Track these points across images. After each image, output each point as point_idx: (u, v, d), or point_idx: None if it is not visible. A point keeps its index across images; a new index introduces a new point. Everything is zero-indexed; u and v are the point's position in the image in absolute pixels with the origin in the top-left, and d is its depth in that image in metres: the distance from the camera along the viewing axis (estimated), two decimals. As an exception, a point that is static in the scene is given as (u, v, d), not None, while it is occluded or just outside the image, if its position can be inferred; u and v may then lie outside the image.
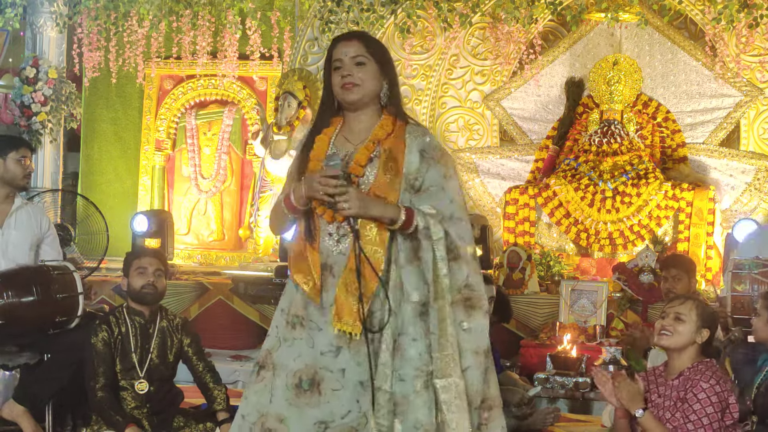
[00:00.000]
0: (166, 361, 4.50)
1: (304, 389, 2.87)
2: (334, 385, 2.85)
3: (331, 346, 2.87)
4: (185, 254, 9.05)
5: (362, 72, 2.95)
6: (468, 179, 8.72)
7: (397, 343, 2.84)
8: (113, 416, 4.28)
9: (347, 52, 2.96)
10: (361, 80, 2.95)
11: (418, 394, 2.81)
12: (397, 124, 2.98)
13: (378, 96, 2.99)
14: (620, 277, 6.96)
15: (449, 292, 2.87)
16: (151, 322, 4.50)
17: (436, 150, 2.97)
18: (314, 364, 2.87)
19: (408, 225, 2.86)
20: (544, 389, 5.72)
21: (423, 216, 2.87)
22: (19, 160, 4.80)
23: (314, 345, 2.89)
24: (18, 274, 4.53)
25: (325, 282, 2.90)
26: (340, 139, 3.00)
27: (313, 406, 2.86)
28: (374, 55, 2.97)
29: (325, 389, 2.85)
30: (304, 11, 8.52)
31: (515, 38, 8.26)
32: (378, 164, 2.92)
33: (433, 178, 2.94)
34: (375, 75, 2.97)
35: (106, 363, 4.38)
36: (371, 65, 2.96)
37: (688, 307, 3.60)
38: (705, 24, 7.97)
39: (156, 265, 4.52)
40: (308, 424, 2.85)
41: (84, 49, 8.67)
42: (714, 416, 3.44)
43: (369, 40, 3.04)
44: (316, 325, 2.90)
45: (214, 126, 9.20)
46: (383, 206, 2.86)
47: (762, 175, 7.98)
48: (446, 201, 2.93)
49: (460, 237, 2.91)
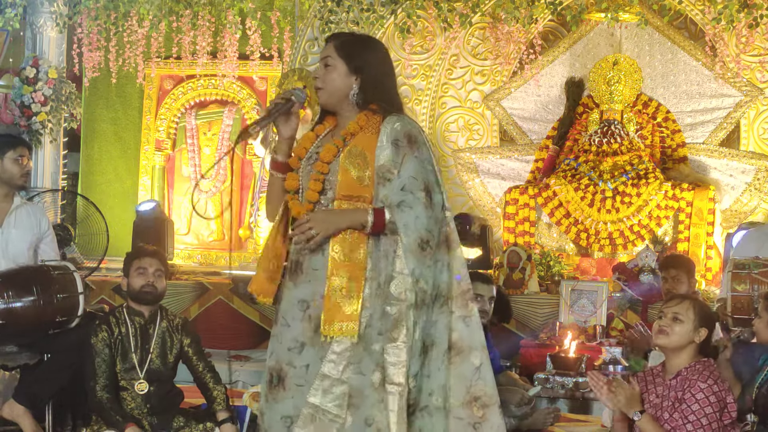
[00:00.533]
0: (167, 361, 4.50)
1: (273, 384, 2.92)
2: (298, 380, 2.88)
3: (295, 342, 2.90)
4: (185, 254, 9.05)
5: (328, 74, 2.97)
6: (468, 179, 8.72)
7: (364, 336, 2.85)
8: (113, 416, 4.28)
9: (322, 54, 3.02)
10: (324, 82, 2.98)
11: (375, 390, 2.81)
12: (373, 118, 2.96)
13: (348, 96, 2.98)
14: (620, 277, 6.96)
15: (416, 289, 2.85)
16: (150, 322, 4.49)
17: (404, 137, 2.91)
18: (282, 360, 2.92)
19: (380, 226, 2.84)
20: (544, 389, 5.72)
21: (392, 211, 2.85)
22: (16, 159, 4.78)
23: (282, 341, 2.94)
24: (18, 274, 4.53)
25: (297, 278, 2.93)
26: (328, 137, 3.02)
27: (279, 401, 2.90)
28: (344, 56, 2.97)
29: (289, 385, 2.89)
30: (304, 11, 8.52)
31: (515, 38, 8.26)
32: (340, 160, 2.90)
33: (408, 169, 2.89)
34: (341, 76, 2.97)
35: (106, 363, 4.38)
36: (339, 66, 2.97)
37: (685, 307, 3.60)
38: (705, 24, 7.97)
39: (156, 265, 4.51)
40: (276, 419, 2.90)
41: (84, 49, 8.67)
42: (713, 416, 3.44)
43: (345, 40, 3.02)
44: (286, 321, 2.94)
45: (214, 126, 9.20)
46: (350, 214, 2.86)
47: (762, 175, 7.98)
48: (399, 185, 2.88)
49: (426, 228, 2.86)
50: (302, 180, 2.99)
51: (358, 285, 2.83)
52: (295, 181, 2.99)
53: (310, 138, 3.02)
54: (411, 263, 2.83)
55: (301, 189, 2.99)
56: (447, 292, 2.89)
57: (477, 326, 2.93)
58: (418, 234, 2.84)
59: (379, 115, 2.96)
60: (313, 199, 2.92)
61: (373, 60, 3.01)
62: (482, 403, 2.90)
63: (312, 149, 3.00)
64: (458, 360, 2.89)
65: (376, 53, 3.05)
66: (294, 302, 2.92)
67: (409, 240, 2.83)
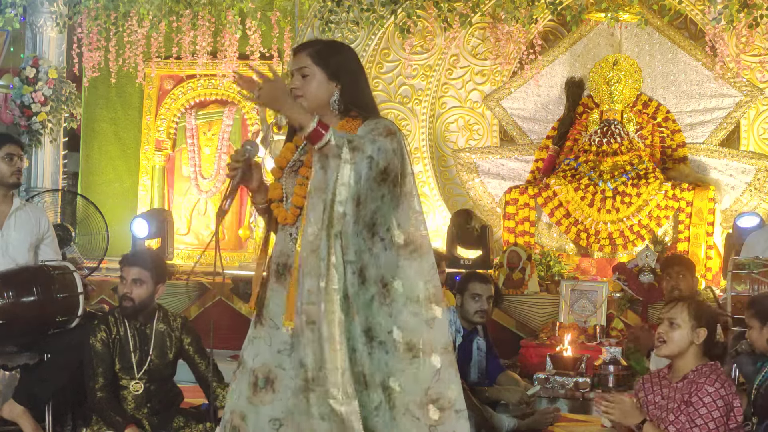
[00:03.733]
0: (166, 361, 4.50)
1: (260, 387, 2.91)
2: (288, 382, 2.86)
3: (286, 344, 2.89)
4: (185, 254, 9.05)
5: (307, 84, 2.97)
6: (468, 179, 8.72)
7: None
8: (113, 416, 4.28)
9: (295, 65, 3.00)
10: (304, 92, 2.97)
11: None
12: (353, 122, 2.97)
13: (329, 103, 2.98)
14: (620, 277, 6.97)
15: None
16: (147, 322, 4.48)
17: (381, 129, 2.88)
18: (270, 362, 2.91)
19: (317, 136, 2.78)
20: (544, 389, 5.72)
21: (338, 136, 2.79)
22: (4, 157, 4.75)
23: (272, 343, 2.93)
24: (18, 274, 4.53)
25: (285, 281, 2.92)
26: (309, 146, 3.02)
27: (267, 403, 2.89)
28: (321, 64, 2.96)
29: (279, 387, 2.88)
30: (304, 11, 8.52)
31: (515, 38, 8.27)
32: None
33: (363, 133, 2.87)
34: (320, 84, 2.97)
35: (105, 363, 4.37)
36: (317, 75, 2.96)
37: (679, 310, 3.58)
38: (705, 24, 7.97)
39: (135, 274, 4.39)
40: (263, 422, 2.89)
41: (84, 49, 8.67)
42: (720, 420, 3.42)
43: (318, 49, 3.01)
44: (275, 323, 2.93)
45: (214, 126, 9.20)
46: (298, 108, 2.84)
47: (762, 175, 7.98)
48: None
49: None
50: (286, 188, 3.00)
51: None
52: (279, 190, 3.01)
53: (290, 149, 3.04)
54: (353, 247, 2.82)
55: (286, 196, 2.99)
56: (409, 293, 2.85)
57: (440, 328, 2.87)
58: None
59: (359, 119, 2.97)
60: (300, 204, 2.92)
61: (348, 65, 3.03)
62: (440, 406, 2.86)
63: (295, 157, 3.01)
64: (417, 361, 2.84)
65: (350, 58, 3.06)
66: (283, 305, 2.91)
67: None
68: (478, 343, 5.16)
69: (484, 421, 4.59)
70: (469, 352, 5.09)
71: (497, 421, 4.72)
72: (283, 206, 3.00)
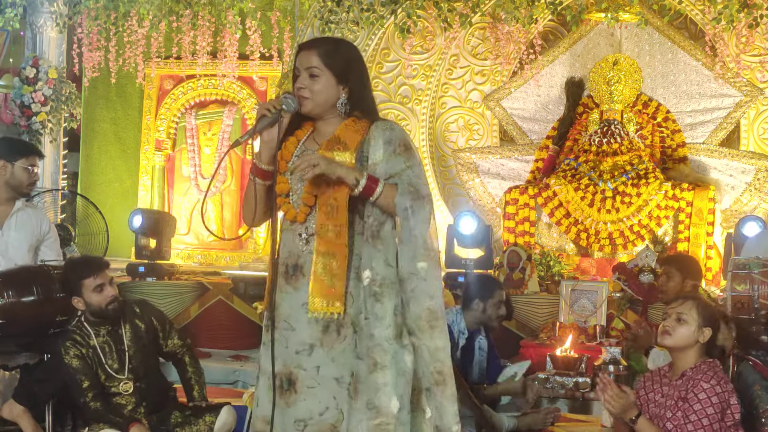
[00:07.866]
0: (145, 350, 4.49)
1: (284, 389, 2.92)
2: (310, 382, 2.88)
3: (303, 345, 2.90)
4: (185, 254, 9.05)
5: (315, 84, 2.96)
6: (468, 179, 8.72)
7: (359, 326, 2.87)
8: (113, 418, 4.27)
9: (304, 63, 2.97)
10: (312, 93, 2.96)
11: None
12: (360, 123, 2.98)
13: (335, 105, 2.99)
14: (620, 277, 6.96)
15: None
16: (116, 323, 4.45)
17: (400, 144, 2.92)
18: (290, 364, 2.91)
19: (370, 191, 2.84)
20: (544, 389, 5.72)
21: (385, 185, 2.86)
22: (27, 168, 4.82)
23: (288, 345, 2.93)
24: (18, 274, 4.53)
25: (297, 282, 2.92)
26: (310, 141, 3.03)
27: (291, 405, 2.90)
28: (331, 66, 2.95)
29: (301, 387, 2.89)
30: (304, 11, 8.52)
31: (515, 38, 8.27)
32: (321, 152, 2.91)
33: (394, 166, 2.91)
34: (329, 86, 2.96)
35: (89, 375, 4.33)
36: (326, 77, 2.95)
37: (689, 307, 3.63)
38: (705, 24, 7.97)
39: (108, 276, 4.43)
40: (288, 424, 2.90)
41: (84, 49, 8.68)
42: (714, 417, 3.44)
43: (329, 49, 2.99)
44: (289, 324, 2.93)
45: (214, 126, 9.20)
46: (347, 168, 2.86)
47: (762, 175, 7.98)
48: (404, 185, 2.89)
49: (421, 220, 2.86)
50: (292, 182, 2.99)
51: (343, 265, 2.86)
52: (286, 185, 3.00)
53: (293, 143, 3.03)
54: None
55: (292, 191, 2.98)
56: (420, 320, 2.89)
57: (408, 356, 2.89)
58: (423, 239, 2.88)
59: (365, 120, 2.98)
60: (309, 203, 2.92)
61: (357, 68, 3.02)
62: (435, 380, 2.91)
63: (297, 152, 3.01)
64: None
65: (358, 60, 3.06)
66: (297, 306, 2.91)
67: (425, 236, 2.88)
68: (480, 343, 5.17)
69: (484, 421, 4.60)
70: (471, 351, 5.10)
71: (497, 421, 4.72)
72: (290, 202, 2.98)
